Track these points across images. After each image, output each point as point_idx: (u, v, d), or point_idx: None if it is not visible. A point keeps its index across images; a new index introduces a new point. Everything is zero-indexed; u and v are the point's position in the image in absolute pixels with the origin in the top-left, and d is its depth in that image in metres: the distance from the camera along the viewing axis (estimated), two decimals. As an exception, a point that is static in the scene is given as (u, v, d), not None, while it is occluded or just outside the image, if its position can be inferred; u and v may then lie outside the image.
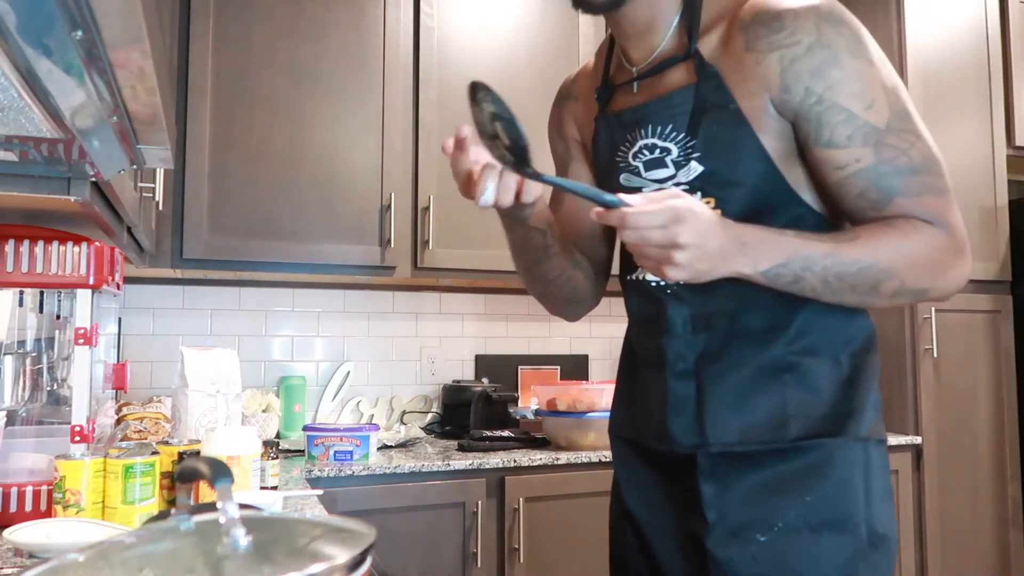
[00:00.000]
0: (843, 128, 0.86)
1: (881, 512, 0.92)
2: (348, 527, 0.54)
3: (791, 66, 0.87)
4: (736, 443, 0.93)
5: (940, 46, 2.68)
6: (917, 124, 0.88)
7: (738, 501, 0.92)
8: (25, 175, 0.96)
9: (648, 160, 0.99)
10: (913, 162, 0.86)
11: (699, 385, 0.96)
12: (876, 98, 0.86)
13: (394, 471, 1.97)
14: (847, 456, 0.91)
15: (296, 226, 2.22)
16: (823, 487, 0.90)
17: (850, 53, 0.86)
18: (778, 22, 0.87)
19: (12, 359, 1.30)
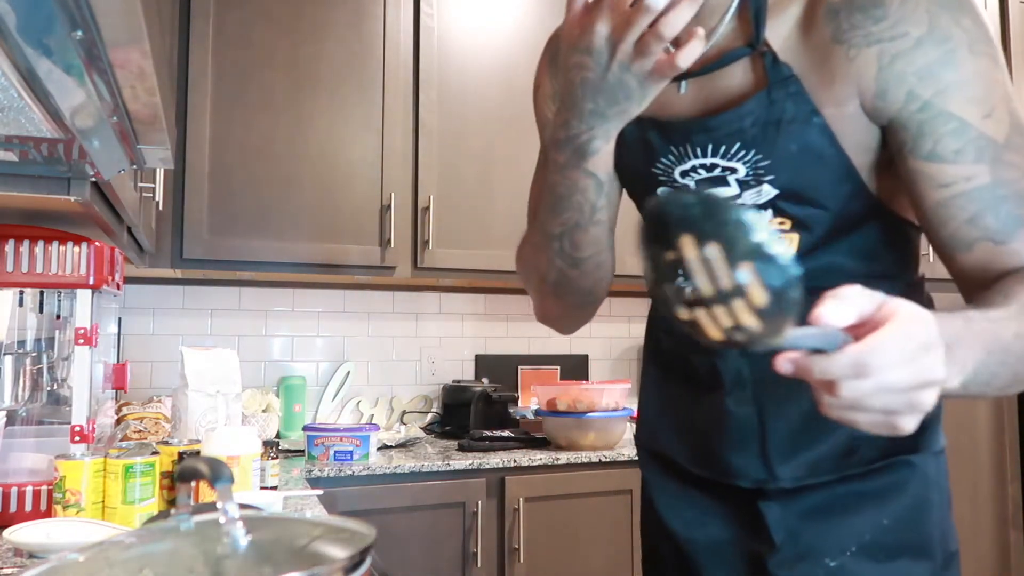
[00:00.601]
0: (952, 140, 0.69)
1: (950, 528, 0.85)
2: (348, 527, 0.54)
3: (892, 64, 0.69)
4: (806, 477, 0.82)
5: (940, 46, 2.68)
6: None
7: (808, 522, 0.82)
8: (25, 175, 0.96)
9: (703, 179, 0.81)
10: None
11: (761, 414, 0.83)
12: (996, 106, 0.69)
13: (394, 471, 1.97)
14: (923, 474, 0.83)
15: (296, 226, 2.22)
16: (900, 508, 0.81)
17: (970, 49, 0.68)
18: (879, 7, 0.69)
19: (12, 359, 1.29)
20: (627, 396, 2.32)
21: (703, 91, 0.79)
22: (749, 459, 0.84)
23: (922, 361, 0.52)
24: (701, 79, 0.79)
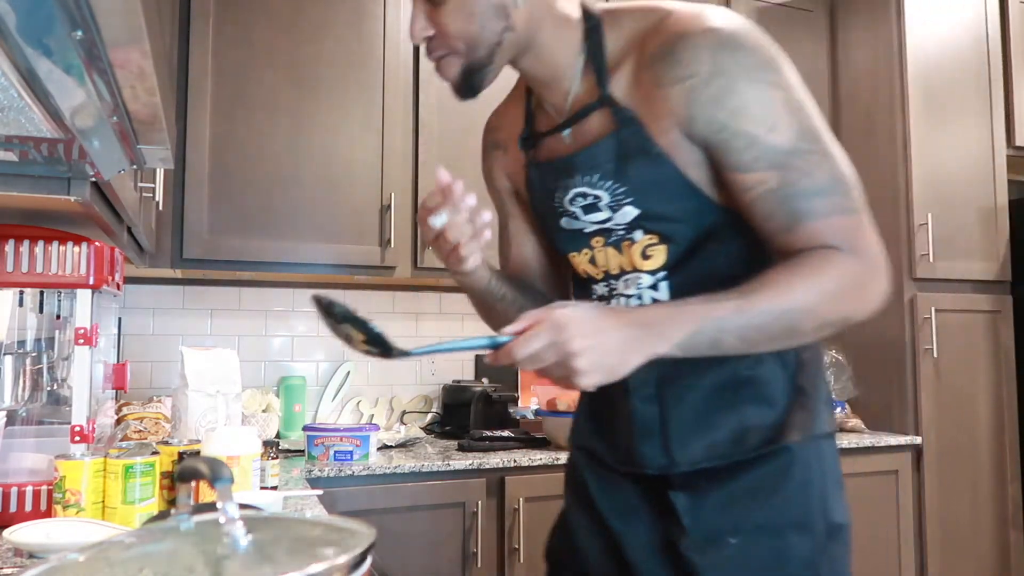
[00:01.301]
0: (747, 152, 0.86)
1: (836, 503, 0.98)
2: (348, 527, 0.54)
3: (692, 97, 0.86)
4: (702, 461, 0.96)
5: (940, 46, 2.68)
6: (825, 144, 0.86)
7: (711, 508, 0.95)
8: (25, 175, 0.96)
9: (584, 205, 0.99)
10: (818, 183, 0.85)
11: (662, 408, 0.98)
12: (778, 120, 0.85)
13: (394, 471, 1.97)
14: (806, 457, 0.95)
15: (296, 226, 2.22)
16: (786, 490, 0.94)
17: (747, 78, 0.85)
18: (675, 55, 0.87)
19: (12, 359, 1.30)
20: (627, 396, 2.31)
21: (578, 136, 0.99)
22: (653, 448, 0.98)
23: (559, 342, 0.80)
24: (575, 127, 0.99)
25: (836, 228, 0.84)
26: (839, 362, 2.75)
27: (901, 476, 2.51)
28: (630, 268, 0.98)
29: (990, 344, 2.68)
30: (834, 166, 0.86)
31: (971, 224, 2.67)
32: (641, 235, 0.96)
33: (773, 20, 2.87)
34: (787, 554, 0.93)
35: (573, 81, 0.97)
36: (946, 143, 2.65)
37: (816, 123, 0.87)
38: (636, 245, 0.96)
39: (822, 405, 0.99)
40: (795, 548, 0.93)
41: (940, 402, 2.58)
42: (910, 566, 2.51)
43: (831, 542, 0.96)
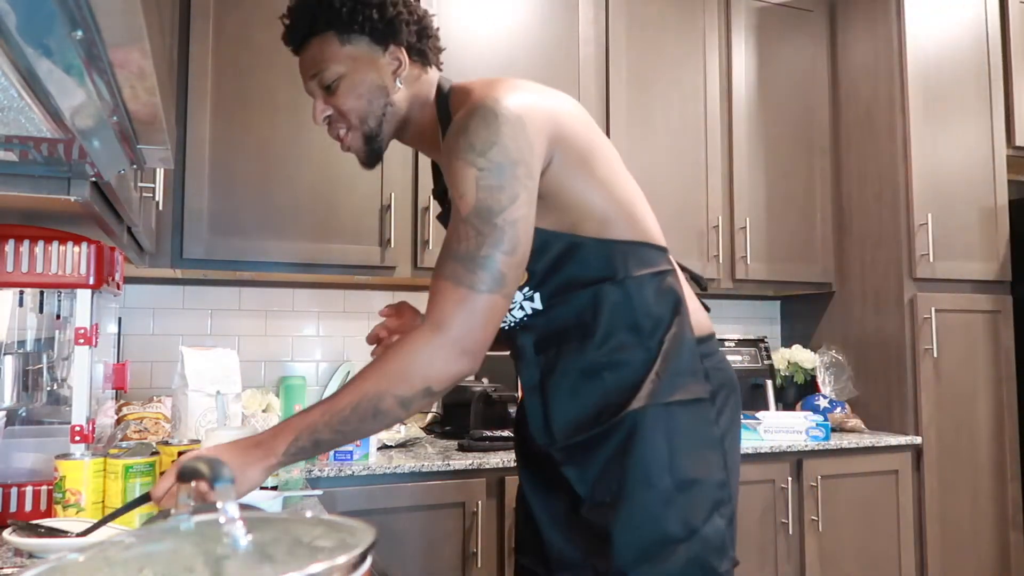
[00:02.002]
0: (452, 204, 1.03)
1: (687, 461, 1.09)
2: (348, 527, 0.54)
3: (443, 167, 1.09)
4: (573, 435, 1.12)
5: (940, 46, 2.69)
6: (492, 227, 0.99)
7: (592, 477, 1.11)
8: (25, 175, 0.96)
9: None
10: (459, 251, 0.99)
11: (543, 397, 1.16)
12: (466, 193, 1.00)
13: (394, 471, 1.97)
14: (650, 422, 1.08)
15: (296, 226, 2.22)
16: (634, 452, 1.07)
17: (456, 156, 1.01)
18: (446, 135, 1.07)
19: (12, 359, 1.30)
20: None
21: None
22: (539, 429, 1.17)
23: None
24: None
25: (440, 290, 0.99)
26: (839, 362, 2.75)
27: (901, 476, 2.51)
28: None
29: (990, 344, 2.68)
30: (480, 246, 0.98)
31: (971, 224, 2.68)
32: None
33: (773, 20, 2.87)
34: (636, 509, 1.06)
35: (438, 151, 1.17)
36: (946, 143, 2.65)
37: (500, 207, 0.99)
38: None
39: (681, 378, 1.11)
40: (645, 501, 1.06)
41: (940, 402, 2.58)
42: (910, 566, 2.51)
43: (681, 495, 1.07)
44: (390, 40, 1.14)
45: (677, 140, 2.69)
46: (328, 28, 1.12)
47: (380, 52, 1.14)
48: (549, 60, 2.52)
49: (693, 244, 2.67)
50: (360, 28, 1.12)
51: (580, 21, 2.56)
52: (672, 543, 1.05)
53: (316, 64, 1.14)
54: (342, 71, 1.13)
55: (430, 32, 1.21)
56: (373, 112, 1.15)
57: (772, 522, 2.35)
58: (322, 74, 1.13)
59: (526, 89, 1.08)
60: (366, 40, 1.13)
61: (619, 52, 2.62)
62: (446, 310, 0.98)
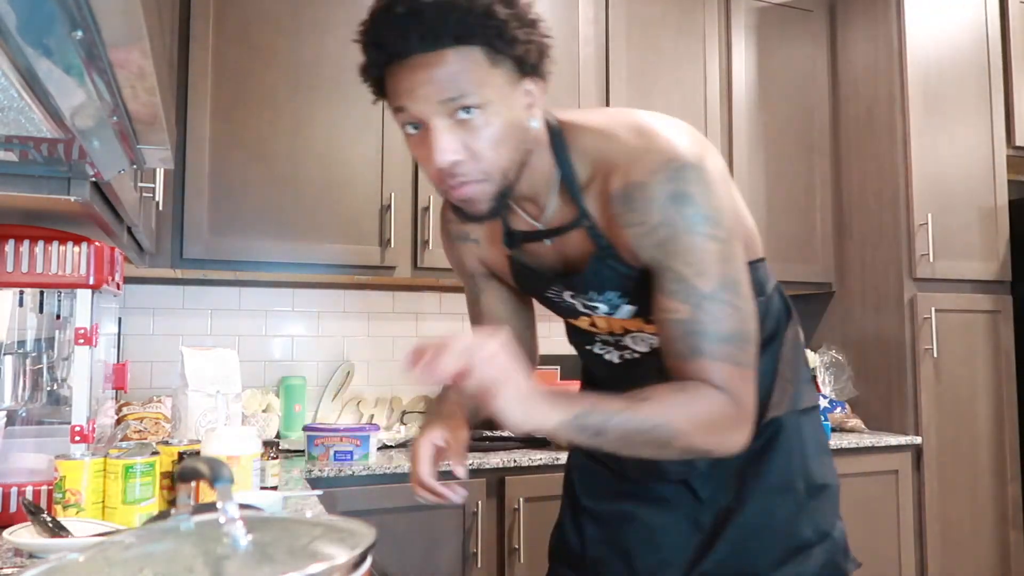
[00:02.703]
0: (671, 284, 0.93)
1: (817, 466, 1.11)
2: (348, 527, 0.54)
3: (641, 241, 0.94)
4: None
5: (940, 46, 2.69)
6: (741, 298, 0.94)
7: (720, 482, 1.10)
8: (25, 175, 0.96)
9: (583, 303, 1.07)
10: (721, 331, 0.92)
11: None
12: (707, 269, 0.92)
13: (394, 471, 1.97)
14: (787, 429, 1.09)
15: (296, 226, 2.22)
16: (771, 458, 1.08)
17: (689, 230, 0.92)
18: (630, 202, 0.94)
19: (12, 359, 1.30)
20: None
21: (560, 248, 1.05)
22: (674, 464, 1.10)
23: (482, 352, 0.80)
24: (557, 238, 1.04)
25: (724, 373, 0.92)
26: (839, 362, 2.75)
27: (901, 476, 2.51)
28: (636, 329, 1.08)
29: (990, 344, 2.68)
30: (741, 320, 0.93)
31: (971, 224, 2.67)
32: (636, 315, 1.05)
33: (773, 20, 2.87)
34: (772, 512, 1.07)
35: (549, 197, 1.01)
36: (946, 143, 2.65)
37: (740, 276, 0.94)
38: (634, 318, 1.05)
39: (802, 384, 1.13)
40: (779, 507, 1.07)
41: (940, 402, 2.58)
42: (910, 566, 2.51)
43: (813, 500, 1.09)
44: (533, 70, 0.92)
45: (677, 140, 2.69)
46: (480, 41, 0.85)
47: (518, 81, 0.90)
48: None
49: (693, 244, 2.67)
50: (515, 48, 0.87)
51: (580, 21, 2.56)
52: (807, 547, 1.07)
53: (456, 85, 0.85)
54: (490, 102, 0.87)
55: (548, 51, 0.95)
56: (516, 161, 0.92)
57: (772, 522, 2.35)
58: (463, 100, 0.86)
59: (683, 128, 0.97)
60: (511, 65, 0.89)
61: (619, 52, 2.62)
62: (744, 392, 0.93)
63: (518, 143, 0.92)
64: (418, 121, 0.88)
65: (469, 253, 1.20)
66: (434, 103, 0.86)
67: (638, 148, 0.94)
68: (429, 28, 0.84)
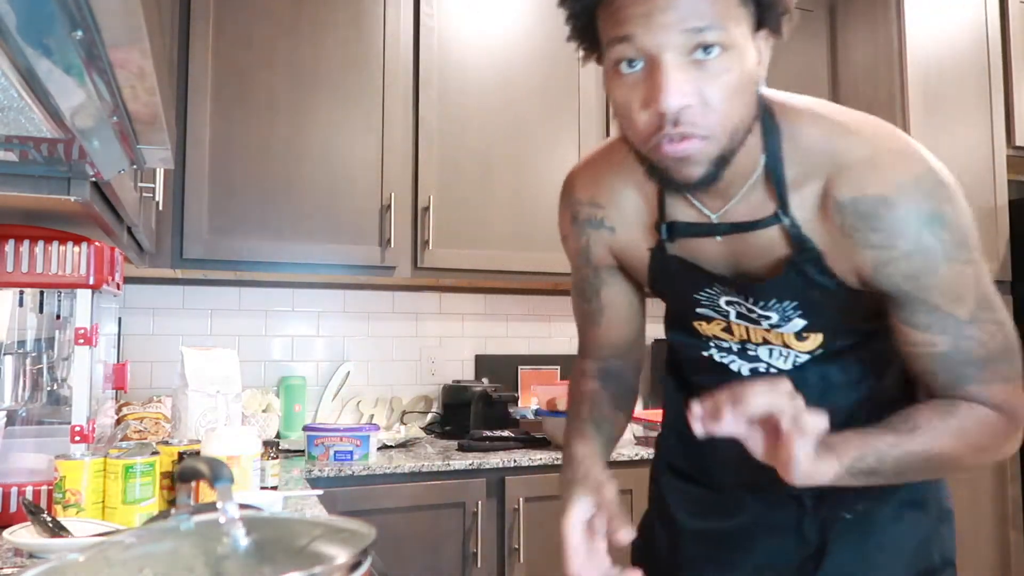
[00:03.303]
0: (923, 316, 0.84)
1: (944, 489, 1.03)
2: (348, 527, 0.54)
3: (885, 267, 0.83)
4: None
5: (940, 46, 2.68)
6: (999, 311, 0.86)
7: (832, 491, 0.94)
8: (25, 175, 0.96)
9: (740, 313, 0.95)
10: (990, 352, 0.85)
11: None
12: (964, 295, 0.83)
13: (394, 471, 1.97)
14: None
15: (296, 226, 2.22)
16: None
17: (947, 258, 0.81)
18: (873, 220, 0.81)
19: (12, 359, 1.30)
20: (627, 396, 2.31)
21: (737, 245, 0.91)
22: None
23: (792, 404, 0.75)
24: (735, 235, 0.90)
25: (995, 394, 0.85)
26: (839, 362, 2.75)
27: (901, 476, 2.51)
28: (779, 343, 0.96)
29: (990, 344, 2.67)
30: (1005, 335, 0.85)
31: (971, 224, 2.67)
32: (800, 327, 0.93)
33: (773, 20, 2.86)
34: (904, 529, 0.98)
35: (742, 189, 0.86)
36: (946, 143, 2.65)
37: (991, 288, 0.86)
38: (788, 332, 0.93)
39: None
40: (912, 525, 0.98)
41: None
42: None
43: (942, 525, 1.01)
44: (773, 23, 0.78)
45: (677, 140, 2.69)
46: None
47: (754, 33, 0.77)
48: (549, 61, 2.52)
49: (693, 244, 2.67)
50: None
51: (580, 21, 2.56)
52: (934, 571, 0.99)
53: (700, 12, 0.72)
54: (734, 42, 0.73)
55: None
56: (744, 123, 0.78)
57: (772, 522, 2.35)
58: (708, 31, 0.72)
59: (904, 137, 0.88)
60: (752, 11, 0.76)
61: (619, 52, 2.62)
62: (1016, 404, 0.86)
63: (749, 103, 0.78)
64: (645, 54, 0.73)
65: (599, 241, 1.03)
66: (674, 32, 0.72)
67: (879, 153, 0.82)
68: None
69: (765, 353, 0.97)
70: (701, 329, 1.02)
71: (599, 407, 1.11)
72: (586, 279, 1.09)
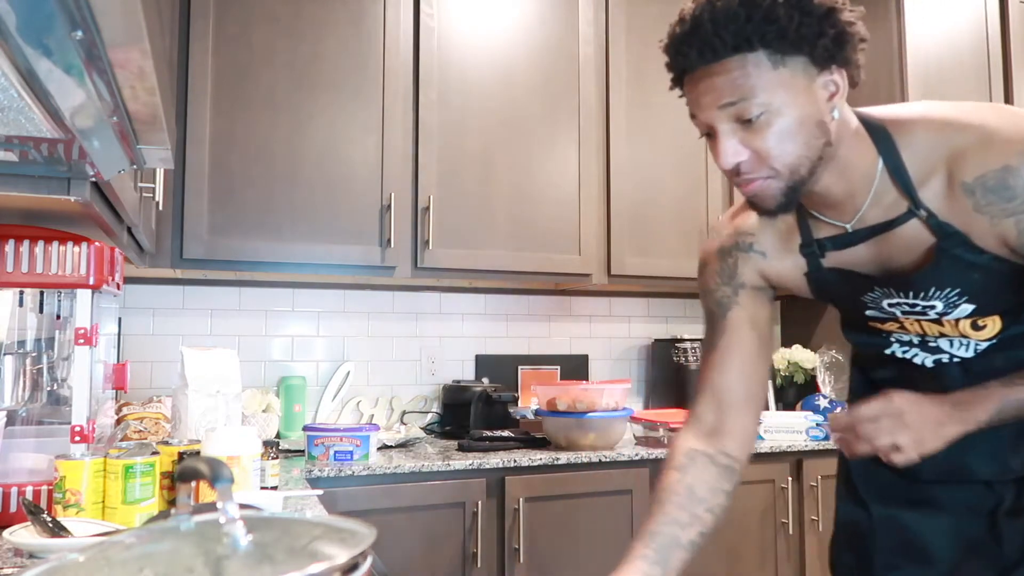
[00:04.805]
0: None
1: None
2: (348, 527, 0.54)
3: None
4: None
5: (940, 46, 2.68)
6: None
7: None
8: (25, 175, 0.96)
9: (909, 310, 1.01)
10: None
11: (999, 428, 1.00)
12: None
13: (394, 471, 1.97)
14: None
15: (296, 226, 2.22)
16: None
17: None
18: (1006, 188, 0.88)
19: (12, 359, 1.30)
20: (627, 396, 2.32)
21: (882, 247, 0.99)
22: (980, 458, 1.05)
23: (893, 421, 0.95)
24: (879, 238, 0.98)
25: None
26: (839, 362, 2.75)
27: (901, 476, 2.51)
28: (956, 334, 1.01)
29: (990, 344, 2.67)
30: None
31: (971, 224, 2.67)
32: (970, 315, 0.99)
33: (773, 20, 2.86)
34: None
35: (868, 194, 0.96)
36: (946, 143, 2.65)
37: None
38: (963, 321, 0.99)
39: None
40: None
41: None
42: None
43: None
44: (834, 59, 0.89)
45: (677, 140, 2.69)
46: (761, 46, 0.86)
47: (815, 75, 0.89)
48: (549, 60, 2.52)
49: (693, 244, 2.67)
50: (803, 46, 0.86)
51: (580, 21, 2.56)
52: None
53: (735, 91, 0.87)
54: (772, 103, 0.87)
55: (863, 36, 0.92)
56: (808, 157, 0.90)
57: (772, 522, 2.35)
58: (743, 105, 0.87)
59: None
60: (803, 61, 0.88)
61: (619, 52, 2.62)
62: None
63: (811, 138, 0.90)
64: (707, 127, 0.92)
65: (748, 262, 1.11)
66: (714, 109, 0.89)
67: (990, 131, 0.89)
68: (706, 42, 0.87)
69: (946, 344, 1.03)
70: (877, 327, 1.08)
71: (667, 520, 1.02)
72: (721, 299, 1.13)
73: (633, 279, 2.60)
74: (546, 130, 2.51)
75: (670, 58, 0.93)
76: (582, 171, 2.54)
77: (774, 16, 0.85)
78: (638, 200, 2.61)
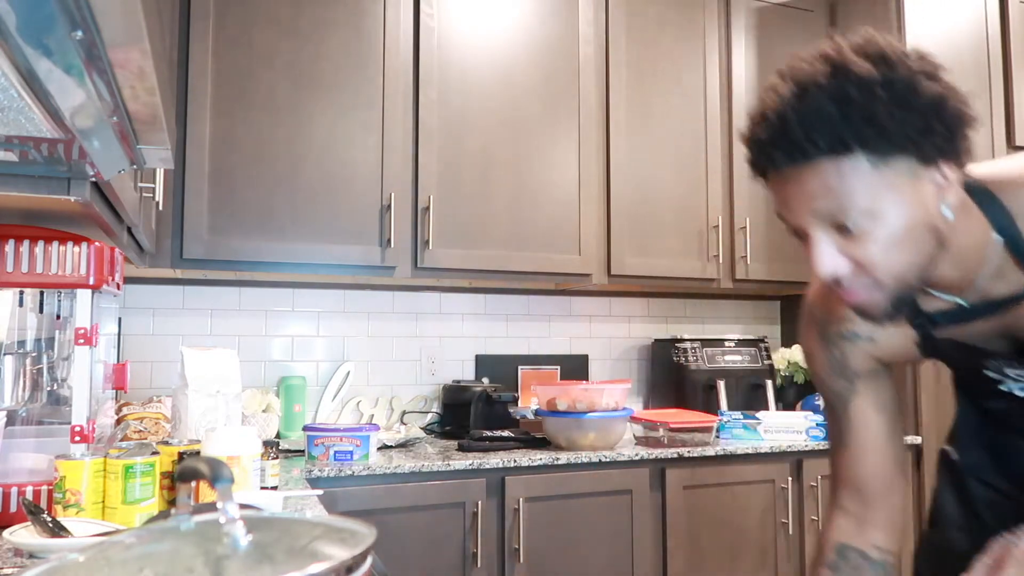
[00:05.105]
0: None
1: None
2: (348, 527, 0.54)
3: None
4: None
5: (940, 46, 2.68)
6: None
7: None
8: (25, 175, 0.96)
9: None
10: None
11: None
12: None
13: (394, 471, 1.97)
14: None
15: (296, 226, 2.22)
16: None
17: None
18: None
19: (12, 359, 1.30)
20: (627, 396, 2.32)
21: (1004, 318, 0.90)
22: None
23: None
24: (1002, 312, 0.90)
25: None
26: (839, 362, 2.75)
27: (901, 476, 2.51)
28: None
29: (990, 344, 2.67)
30: None
31: (971, 224, 2.67)
32: None
33: (773, 20, 2.87)
34: None
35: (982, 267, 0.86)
36: (946, 143, 2.65)
37: None
38: None
39: None
40: None
41: (940, 402, 2.58)
42: (909, 565, 2.51)
43: None
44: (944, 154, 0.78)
45: (677, 140, 2.69)
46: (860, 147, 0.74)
47: (922, 172, 0.77)
48: (549, 60, 2.52)
49: (693, 244, 2.67)
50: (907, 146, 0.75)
51: (580, 21, 2.56)
52: None
53: (829, 195, 0.76)
54: (874, 208, 0.76)
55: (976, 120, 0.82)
56: (918, 264, 0.80)
57: (772, 522, 2.35)
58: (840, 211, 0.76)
59: None
60: (909, 160, 0.76)
61: (619, 52, 2.62)
62: None
63: (922, 242, 0.79)
64: (797, 230, 0.81)
65: (856, 352, 1.04)
66: (807, 214, 0.78)
67: None
68: (794, 143, 0.75)
69: None
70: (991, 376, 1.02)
71: None
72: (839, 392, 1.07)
73: (633, 279, 2.60)
74: (546, 130, 2.51)
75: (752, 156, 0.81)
76: (582, 171, 2.54)
77: (873, 115, 0.73)
78: (638, 200, 2.61)
